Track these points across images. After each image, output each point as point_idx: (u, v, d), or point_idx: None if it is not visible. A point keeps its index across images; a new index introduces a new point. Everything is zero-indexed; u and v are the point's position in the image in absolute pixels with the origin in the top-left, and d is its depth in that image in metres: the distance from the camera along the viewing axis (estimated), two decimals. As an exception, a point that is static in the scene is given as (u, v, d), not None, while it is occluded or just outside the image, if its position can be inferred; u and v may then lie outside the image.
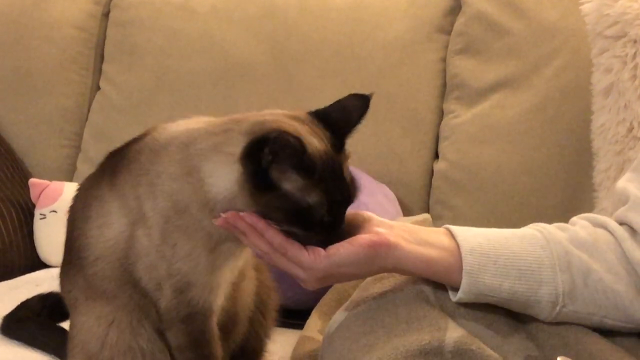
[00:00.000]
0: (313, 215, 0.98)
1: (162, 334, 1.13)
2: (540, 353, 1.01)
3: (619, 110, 1.53)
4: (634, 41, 1.51)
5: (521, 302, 1.02)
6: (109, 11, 2.19)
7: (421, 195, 1.87)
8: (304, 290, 1.07)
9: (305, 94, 1.93)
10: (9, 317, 1.48)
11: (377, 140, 1.86)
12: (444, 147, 1.86)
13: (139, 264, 1.10)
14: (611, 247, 1.04)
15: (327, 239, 0.99)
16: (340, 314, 1.07)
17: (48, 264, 1.95)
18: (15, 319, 1.48)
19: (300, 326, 1.39)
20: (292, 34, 1.98)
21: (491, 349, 0.97)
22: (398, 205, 1.79)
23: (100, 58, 2.19)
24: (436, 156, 1.89)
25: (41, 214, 1.95)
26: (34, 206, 1.97)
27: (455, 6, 1.92)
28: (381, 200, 1.74)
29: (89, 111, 2.16)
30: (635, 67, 1.51)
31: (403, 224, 1.05)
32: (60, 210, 1.92)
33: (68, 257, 1.18)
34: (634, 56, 1.51)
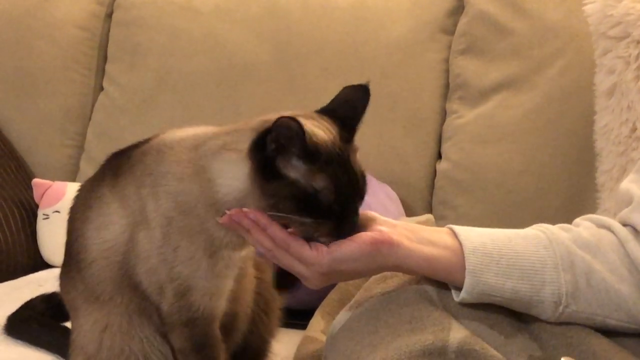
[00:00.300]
0: (320, 201, 0.98)
1: (165, 336, 1.13)
2: (544, 353, 1.01)
3: (622, 111, 1.53)
4: (637, 42, 1.51)
5: (524, 302, 1.02)
6: (112, 11, 2.20)
7: (424, 195, 1.87)
8: (307, 290, 1.07)
9: (307, 93, 1.93)
10: (12, 317, 1.49)
11: (380, 140, 1.86)
12: (446, 148, 1.86)
13: (139, 267, 1.10)
14: (614, 248, 1.04)
15: (337, 230, 0.99)
16: (343, 314, 1.08)
17: (51, 264, 1.95)
18: (18, 319, 1.48)
19: (303, 326, 1.39)
20: (294, 33, 1.98)
21: (494, 349, 0.97)
22: (401, 206, 1.79)
23: (104, 58, 2.20)
24: (439, 156, 1.89)
25: (44, 214, 1.95)
26: (37, 206, 1.98)
27: (458, 6, 1.92)
28: (384, 200, 1.74)
29: (92, 111, 2.16)
30: (638, 68, 1.51)
31: (406, 223, 1.05)
32: (63, 210, 1.91)
33: (67, 259, 1.19)
34: (637, 57, 1.51)
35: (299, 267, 1.00)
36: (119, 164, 1.13)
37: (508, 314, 1.04)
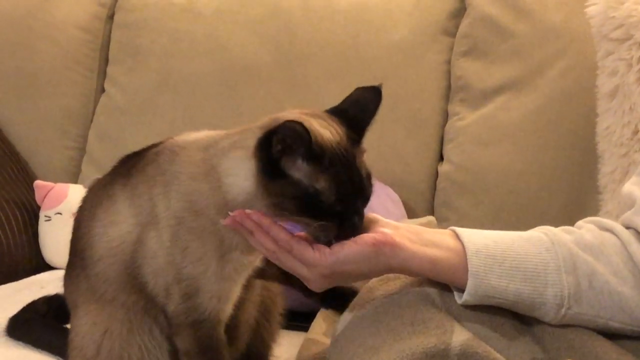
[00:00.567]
0: (323, 202, 0.98)
1: (169, 338, 1.13)
2: (546, 356, 1.01)
3: (624, 112, 1.53)
4: (640, 44, 1.51)
5: (527, 304, 1.02)
6: (113, 13, 2.20)
7: (426, 197, 1.87)
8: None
9: (309, 95, 1.93)
10: (14, 318, 1.49)
11: (382, 141, 1.86)
12: (448, 149, 1.86)
13: (145, 267, 1.10)
14: (617, 250, 1.04)
15: (339, 231, 0.99)
16: (345, 316, 1.07)
17: (53, 265, 1.95)
18: (20, 320, 1.48)
19: (305, 328, 1.39)
20: (296, 35, 1.98)
21: (497, 352, 0.97)
22: (402, 207, 1.79)
23: (105, 60, 2.20)
24: (441, 158, 1.89)
25: (46, 215, 1.95)
26: (38, 208, 1.98)
27: (460, 8, 1.92)
28: (386, 202, 1.74)
29: (93, 113, 2.17)
30: (640, 70, 1.51)
31: (409, 225, 1.05)
32: (65, 212, 1.93)
33: (72, 258, 1.19)
34: (639, 59, 1.51)
35: (301, 269, 1.00)
36: (133, 164, 1.13)
37: (510, 317, 1.04)
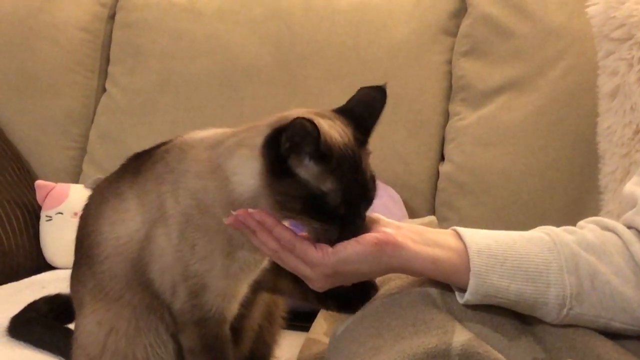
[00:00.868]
0: (328, 204, 0.98)
1: (174, 336, 1.13)
2: (547, 356, 1.01)
3: (625, 112, 1.53)
4: (641, 43, 1.51)
5: (528, 304, 1.02)
6: (114, 13, 2.20)
7: (427, 197, 1.87)
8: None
9: (310, 96, 1.93)
10: (15, 318, 1.49)
11: (383, 142, 1.86)
12: (449, 149, 1.86)
13: (152, 264, 1.09)
14: (619, 250, 1.04)
15: (341, 232, 0.99)
16: (346, 316, 1.07)
17: (54, 265, 1.96)
18: (21, 320, 1.48)
19: (306, 328, 1.39)
20: (297, 36, 1.99)
21: (498, 352, 0.97)
22: (404, 207, 1.79)
23: (106, 60, 2.20)
24: (442, 158, 1.89)
25: (47, 215, 1.95)
26: (40, 208, 1.98)
27: (461, 8, 1.92)
28: (387, 202, 1.74)
29: (94, 113, 2.17)
30: (641, 70, 1.51)
31: (411, 225, 1.05)
32: (66, 212, 1.93)
33: (78, 256, 1.18)
34: (640, 59, 1.51)
35: (304, 269, 1.00)
36: (141, 162, 1.13)
37: (512, 316, 1.04)
